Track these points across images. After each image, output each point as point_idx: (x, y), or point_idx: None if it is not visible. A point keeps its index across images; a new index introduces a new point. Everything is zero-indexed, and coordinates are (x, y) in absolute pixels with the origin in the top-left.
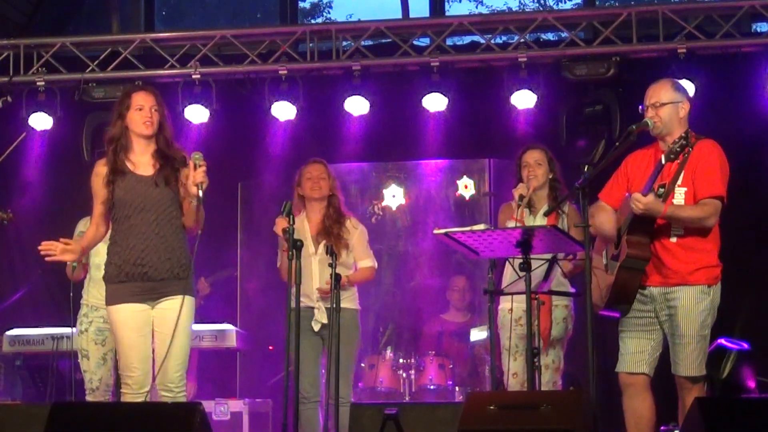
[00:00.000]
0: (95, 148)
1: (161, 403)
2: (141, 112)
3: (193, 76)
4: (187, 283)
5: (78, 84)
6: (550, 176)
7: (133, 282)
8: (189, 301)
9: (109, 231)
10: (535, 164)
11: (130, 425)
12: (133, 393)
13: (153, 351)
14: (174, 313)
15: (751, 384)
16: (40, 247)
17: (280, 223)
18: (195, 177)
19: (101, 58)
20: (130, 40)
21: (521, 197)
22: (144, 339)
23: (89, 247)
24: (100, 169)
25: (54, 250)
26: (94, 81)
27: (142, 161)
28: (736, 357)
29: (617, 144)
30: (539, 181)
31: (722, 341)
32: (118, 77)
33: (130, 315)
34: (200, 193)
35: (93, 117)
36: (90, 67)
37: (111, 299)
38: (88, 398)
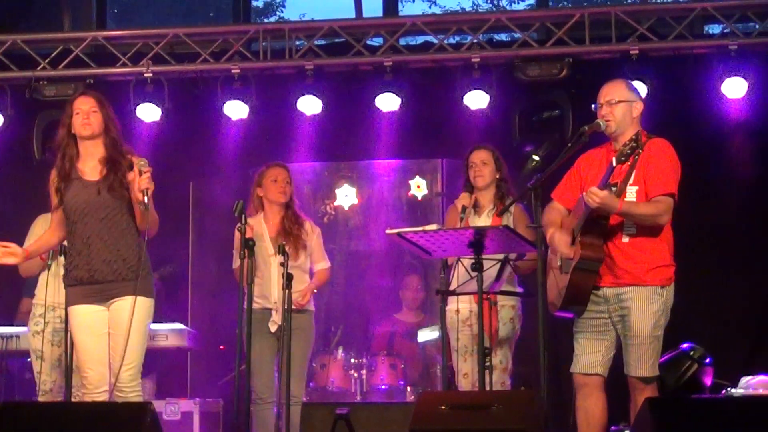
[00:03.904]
0: (46, 147)
1: (112, 403)
2: (78, 116)
3: (145, 75)
4: (139, 283)
5: (29, 82)
6: (497, 176)
7: (83, 285)
8: (142, 302)
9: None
10: (481, 164)
11: (81, 425)
12: (90, 393)
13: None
14: (124, 313)
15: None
16: None
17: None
18: (140, 183)
19: (53, 55)
20: (82, 38)
21: (464, 208)
22: (98, 339)
23: (38, 252)
24: (52, 177)
25: None
26: (46, 79)
27: (89, 166)
28: (696, 370)
29: (569, 145)
30: (485, 180)
31: (685, 348)
32: (69, 75)
33: (84, 316)
34: (145, 198)
35: (44, 115)
36: (41, 65)
37: (68, 301)
38: (41, 400)
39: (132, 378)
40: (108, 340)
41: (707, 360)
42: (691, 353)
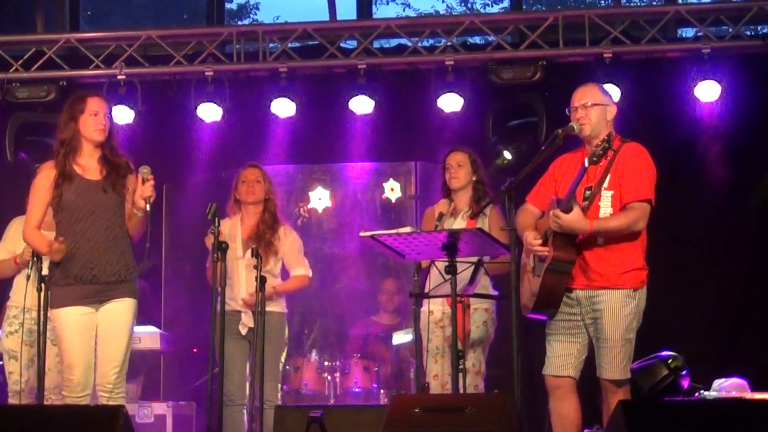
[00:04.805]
0: (18, 149)
1: (84, 406)
2: (96, 118)
3: (119, 77)
4: (131, 284)
5: (1, 84)
6: (474, 178)
7: (81, 285)
8: (131, 303)
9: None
10: (457, 166)
11: (53, 428)
12: (73, 396)
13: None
14: (119, 314)
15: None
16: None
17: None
18: (144, 191)
19: (25, 57)
20: (55, 40)
21: (440, 215)
22: (87, 342)
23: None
24: (49, 172)
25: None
26: (18, 81)
27: (89, 166)
28: (672, 381)
29: (543, 148)
30: (460, 183)
31: (664, 355)
32: (42, 77)
33: (74, 318)
34: (148, 207)
35: (17, 117)
36: (14, 67)
37: (56, 302)
38: (11, 401)
39: (119, 379)
40: (95, 342)
41: (684, 372)
42: (669, 362)
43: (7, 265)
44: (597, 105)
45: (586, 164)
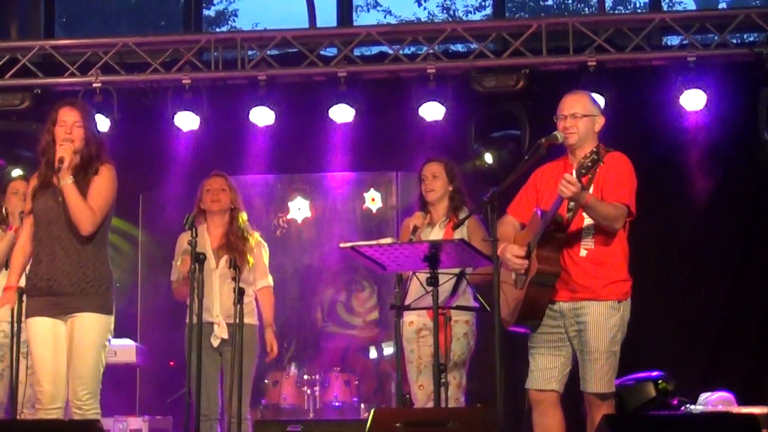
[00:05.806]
0: None
1: (59, 421)
2: (63, 129)
3: (94, 85)
4: (97, 299)
5: None
6: (450, 188)
7: (42, 296)
8: (99, 319)
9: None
10: (432, 177)
11: None
12: (45, 408)
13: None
14: (81, 329)
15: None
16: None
17: (186, 262)
18: (57, 152)
19: None
20: (29, 47)
21: (415, 228)
22: (54, 354)
23: (19, 266)
24: (32, 182)
25: None
26: None
27: (66, 175)
28: (659, 405)
29: (526, 157)
30: (436, 195)
31: (654, 376)
32: (16, 85)
33: (40, 329)
34: (59, 165)
35: None
36: None
37: (27, 312)
38: None
39: (89, 395)
40: (64, 355)
41: (672, 397)
42: (659, 384)
43: (5, 242)
44: (587, 116)
45: (574, 176)
